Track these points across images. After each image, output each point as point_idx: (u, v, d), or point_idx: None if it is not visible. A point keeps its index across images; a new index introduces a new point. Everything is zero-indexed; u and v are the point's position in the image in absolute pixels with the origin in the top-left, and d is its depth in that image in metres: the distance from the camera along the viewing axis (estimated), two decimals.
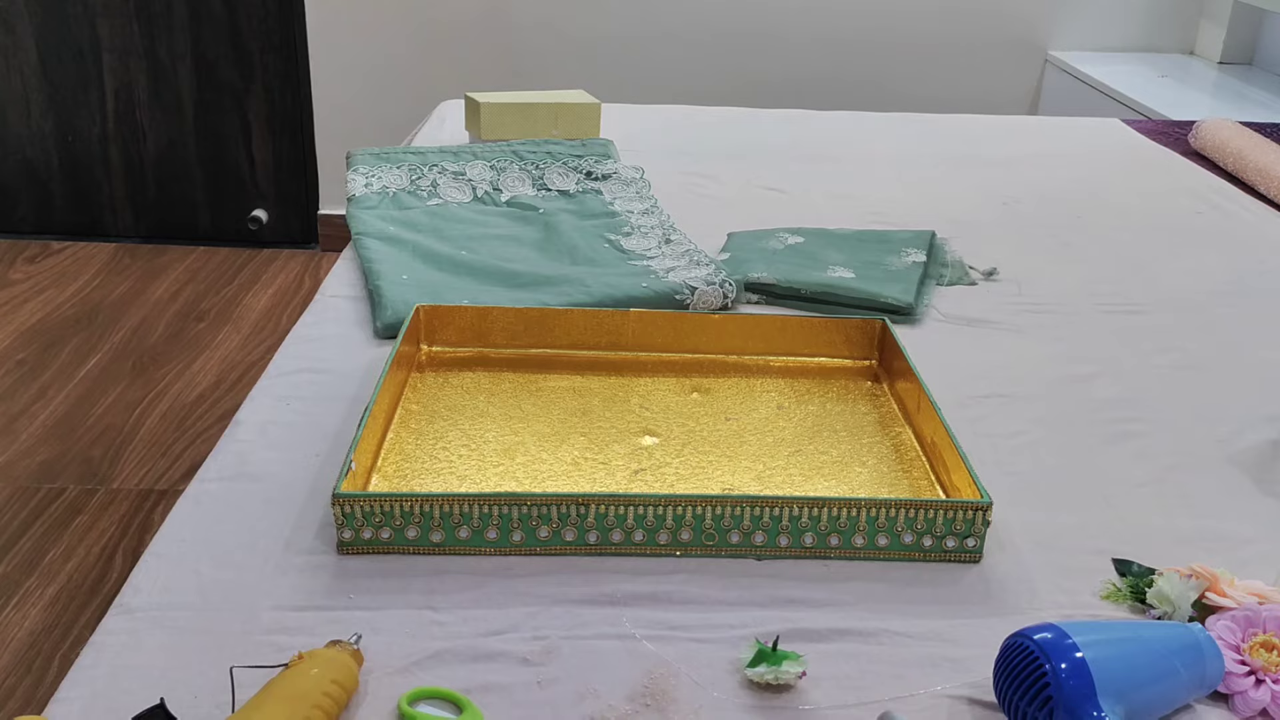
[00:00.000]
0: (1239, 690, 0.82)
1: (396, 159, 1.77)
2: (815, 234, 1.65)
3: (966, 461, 0.99)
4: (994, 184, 1.99)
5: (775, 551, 0.95)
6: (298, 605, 0.88)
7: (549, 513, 0.93)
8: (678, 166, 1.97)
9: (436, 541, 0.94)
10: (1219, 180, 2.06)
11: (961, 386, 1.25)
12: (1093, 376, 1.31)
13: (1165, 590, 0.90)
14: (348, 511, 0.93)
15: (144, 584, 0.90)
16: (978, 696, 0.81)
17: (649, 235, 1.59)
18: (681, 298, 1.39)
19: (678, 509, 0.94)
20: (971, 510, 0.94)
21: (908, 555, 0.95)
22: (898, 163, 2.10)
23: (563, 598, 0.90)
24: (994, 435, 1.16)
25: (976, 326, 1.43)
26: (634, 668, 0.83)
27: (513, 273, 1.45)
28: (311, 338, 1.32)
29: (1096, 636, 0.78)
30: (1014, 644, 0.78)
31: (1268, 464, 1.14)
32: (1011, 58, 3.45)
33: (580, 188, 1.77)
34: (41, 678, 1.86)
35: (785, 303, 1.45)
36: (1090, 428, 1.20)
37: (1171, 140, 2.31)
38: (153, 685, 0.78)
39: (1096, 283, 1.57)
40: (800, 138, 2.24)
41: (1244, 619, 0.86)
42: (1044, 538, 1.00)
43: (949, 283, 1.55)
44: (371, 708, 0.78)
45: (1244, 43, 3.30)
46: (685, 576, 0.93)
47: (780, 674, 0.80)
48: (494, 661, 0.83)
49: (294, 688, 0.75)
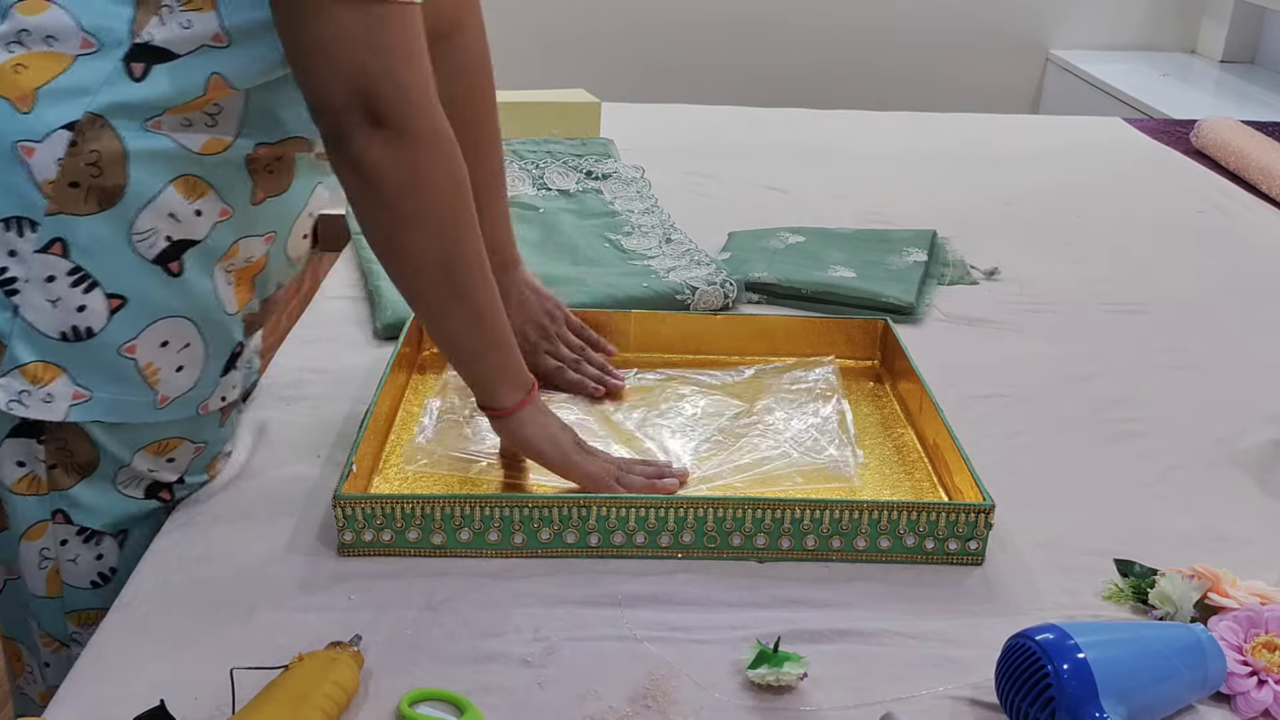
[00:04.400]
0: (1241, 691, 0.81)
1: None
2: (816, 233, 1.65)
3: (969, 463, 0.99)
4: (995, 183, 1.99)
5: (777, 553, 0.95)
6: (298, 606, 0.88)
7: (550, 514, 0.93)
8: (678, 166, 1.97)
9: (437, 543, 0.94)
10: (1221, 179, 2.06)
11: (963, 386, 1.25)
12: (1094, 376, 1.30)
13: (1167, 591, 0.90)
14: (349, 513, 0.92)
15: (144, 584, 0.90)
16: (979, 697, 0.81)
17: (649, 235, 1.59)
18: (682, 298, 1.39)
19: (679, 511, 0.93)
20: (974, 513, 0.94)
21: (909, 558, 0.95)
22: (898, 162, 2.10)
23: (564, 599, 0.90)
24: (995, 435, 1.16)
25: (978, 326, 1.43)
26: (635, 669, 0.82)
27: None
28: (311, 338, 1.32)
29: (1098, 637, 0.77)
30: (1016, 645, 0.78)
31: (1269, 464, 1.14)
32: (1013, 56, 3.45)
33: (580, 187, 1.76)
34: None
35: (786, 302, 1.45)
36: (1092, 428, 1.19)
37: (1173, 139, 2.31)
38: (153, 686, 0.78)
39: (1098, 282, 1.57)
40: (801, 137, 2.23)
41: (1246, 619, 0.86)
42: (1046, 538, 1.00)
43: (950, 282, 1.54)
44: (372, 709, 0.78)
45: (1246, 41, 3.29)
46: (686, 578, 0.93)
47: (781, 675, 0.80)
48: (494, 663, 0.83)
49: (294, 689, 0.75)
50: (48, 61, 0.85)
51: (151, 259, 0.89)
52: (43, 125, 0.84)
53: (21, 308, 0.86)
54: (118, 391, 0.91)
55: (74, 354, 0.88)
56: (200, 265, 0.92)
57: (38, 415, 0.89)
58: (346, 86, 0.82)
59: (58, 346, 0.88)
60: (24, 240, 0.85)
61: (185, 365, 0.94)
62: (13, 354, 0.87)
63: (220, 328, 0.96)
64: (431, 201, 0.88)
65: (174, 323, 0.92)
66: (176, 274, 0.91)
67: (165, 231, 0.89)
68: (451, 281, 0.92)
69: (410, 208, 0.87)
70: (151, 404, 0.93)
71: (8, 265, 0.86)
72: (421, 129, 0.85)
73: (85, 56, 0.85)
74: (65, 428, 0.91)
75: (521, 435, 1.00)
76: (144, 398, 0.92)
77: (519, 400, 0.99)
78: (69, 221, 0.86)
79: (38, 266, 0.86)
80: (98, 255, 0.87)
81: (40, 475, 0.93)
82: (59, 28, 0.85)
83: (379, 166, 0.84)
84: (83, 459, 0.93)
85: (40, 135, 0.84)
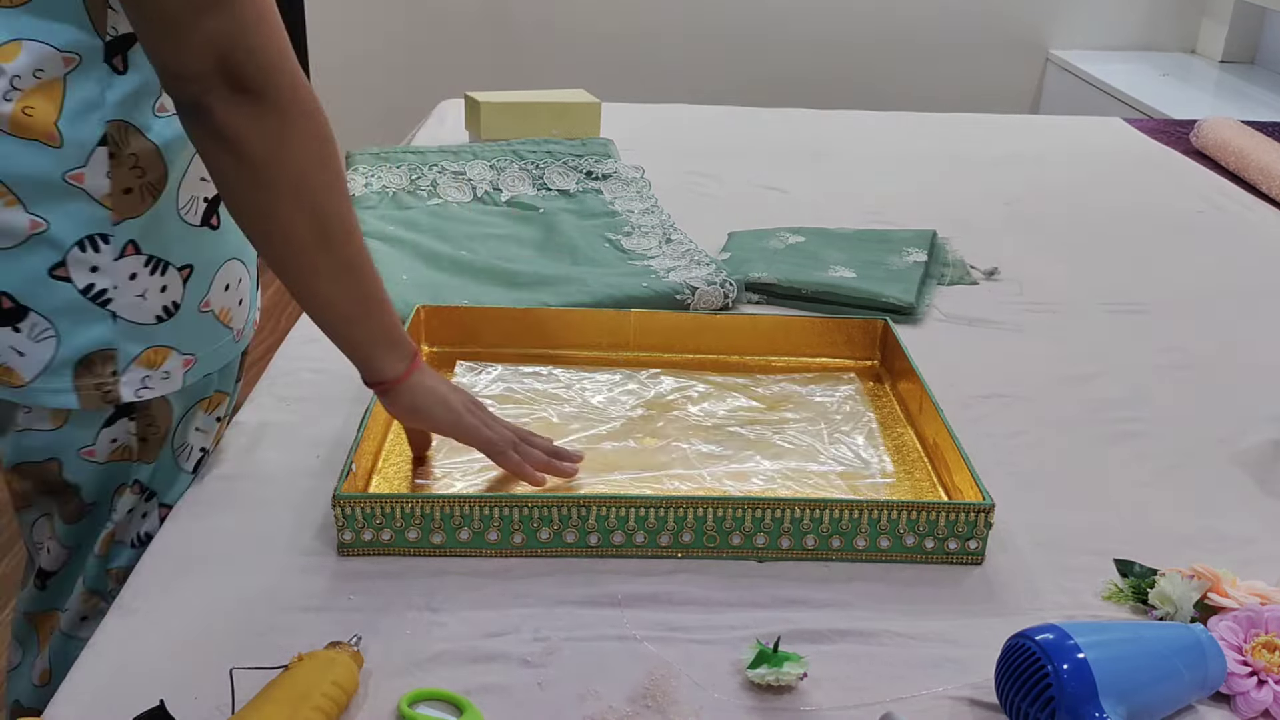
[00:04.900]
0: (1241, 691, 0.81)
1: (396, 159, 1.77)
2: (816, 233, 1.65)
3: (969, 463, 0.99)
4: (995, 183, 1.99)
5: (777, 553, 0.95)
6: (298, 606, 0.88)
7: (550, 514, 0.93)
8: (678, 166, 1.97)
9: (437, 543, 0.94)
10: (1220, 179, 2.06)
11: (963, 386, 1.25)
12: (1094, 376, 1.30)
13: (1167, 591, 0.90)
14: (348, 513, 0.92)
15: (144, 584, 0.90)
16: (979, 697, 0.81)
17: (649, 235, 1.59)
18: (682, 297, 1.39)
19: (679, 510, 0.93)
20: (974, 512, 0.94)
21: (909, 557, 0.95)
22: (898, 162, 2.10)
23: (563, 599, 0.90)
24: (995, 435, 1.16)
25: (978, 326, 1.43)
26: (635, 669, 0.82)
27: (513, 273, 1.45)
28: (311, 338, 1.32)
29: (1098, 637, 0.77)
30: (1016, 645, 0.78)
31: (1269, 464, 1.14)
32: (1013, 57, 3.45)
33: (580, 187, 1.76)
34: None
35: (786, 302, 1.45)
36: (1092, 427, 1.19)
37: (1173, 139, 2.31)
38: (153, 685, 0.78)
39: (1098, 282, 1.57)
40: (801, 137, 2.23)
41: (1246, 619, 0.86)
42: (1045, 538, 1.00)
43: (950, 282, 1.54)
44: (371, 709, 0.78)
45: (1246, 41, 3.29)
46: (686, 577, 0.93)
47: (781, 675, 0.80)
48: (494, 663, 0.83)
49: (294, 689, 0.75)
50: (48, 93, 0.88)
51: (198, 224, 0.97)
52: (78, 151, 0.89)
53: (119, 313, 0.94)
54: (210, 343, 1.01)
55: (172, 330, 0.97)
56: None
57: (163, 392, 0.98)
58: (198, 54, 0.80)
59: (157, 330, 0.96)
60: (101, 254, 0.92)
61: (243, 298, 1.05)
62: (125, 353, 0.95)
63: (251, 251, 1.05)
64: (299, 166, 0.86)
65: (229, 267, 1.02)
66: (217, 227, 0.99)
67: (201, 195, 0.97)
68: (323, 246, 0.90)
69: (277, 174, 0.86)
70: (231, 340, 1.04)
71: (94, 281, 0.92)
72: (281, 92, 0.83)
73: (73, 73, 0.88)
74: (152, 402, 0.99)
75: (413, 405, 0.99)
76: (226, 338, 1.03)
77: (405, 368, 0.98)
78: (133, 224, 0.92)
79: (121, 272, 0.93)
80: (161, 240, 0.95)
81: (132, 446, 1.01)
82: (40, 58, 0.87)
83: (242, 134, 0.83)
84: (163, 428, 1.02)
85: (82, 161, 0.89)
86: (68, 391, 0.93)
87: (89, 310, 0.92)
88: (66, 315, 0.92)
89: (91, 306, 0.92)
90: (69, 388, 0.93)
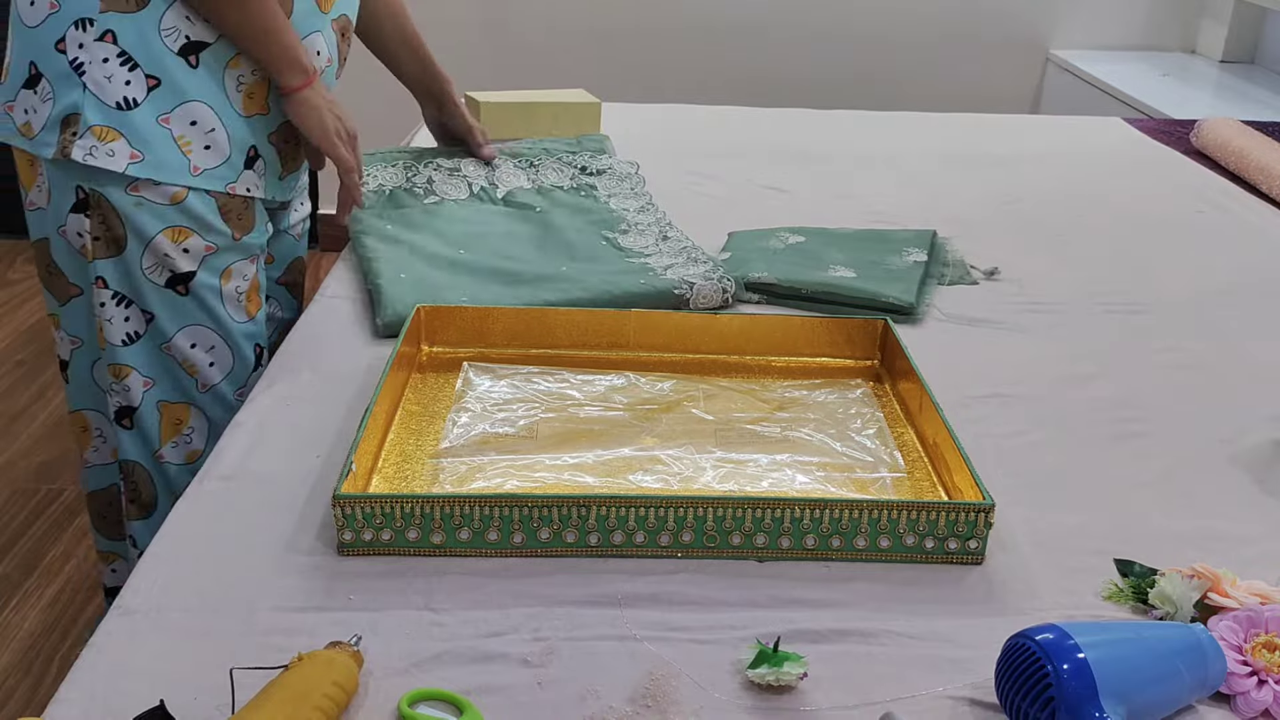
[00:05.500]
0: (1241, 691, 0.81)
1: (392, 158, 1.77)
2: (816, 233, 1.65)
3: (969, 462, 0.99)
4: (995, 183, 1.99)
5: (777, 553, 0.95)
6: (298, 606, 0.88)
7: (550, 514, 0.93)
8: (678, 166, 1.97)
9: (437, 543, 0.94)
10: (1220, 179, 2.06)
11: (963, 386, 1.25)
12: (1094, 376, 1.30)
13: (1167, 591, 0.90)
14: (348, 513, 0.92)
15: (144, 584, 0.90)
16: (979, 697, 0.81)
17: (646, 232, 1.59)
18: (681, 293, 1.38)
19: (679, 510, 0.93)
20: (974, 512, 0.94)
21: (909, 557, 0.95)
22: (898, 162, 2.10)
23: (563, 599, 0.90)
24: (995, 435, 1.16)
25: (978, 326, 1.43)
26: (635, 669, 0.82)
27: (511, 271, 1.45)
28: (311, 338, 1.32)
29: (1098, 637, 0.77)
30: (1016, 644, 0.78)
31: (1269, 464, 1.14)
32: (1013, 56, 3.45)
33: (575, 183, 1.76)
34: (41, 678, 1.86)
35: (786, 302, 1.45)
36: (1092, 428, 1.19)
37: (1173, 139, 2.31)
38: (153, 686, 0.78)
39: (1098, 282, 1.57)
40: (801, 137, 2.23)
41: (1246, 619, 0.86)
42: (1045, 538, 1.00)
43: (950, 282, 1.54)
44: (371, 709, 0.78)
45: (1246, 41, 3.29)
46: (686, 577, 0.93)
47: (781, 675, 0.80)
48: (494, 663, 0.83)
49: (294, 689, 0.74)
50: None
51: (176, 51, 1.22)
52: None
53: (88, 84, 1.20)
54: (159, 153, 1.23)
55: (126, 122, 1.21)
56: (212, 64, 1.25)
57: (105, 165, 1.20)
58: None
59: (114, 114, 1.20)
60: (86, 34, 1.20)
61: (211, 146, 1.26)
62: (85, 120, 1.20)
63: (237, 124, 1.28)
64: None
65: (197, 106, 1.24)
66: (194, 66, 1.23)
67: (184, 31, 1.22)
68: None
69: None
70: (186, 168, 1.24)
71: (78, 55, 1.20)
72: None
73: None
74: (104, 206, 1.23)
75: (300, 112, 1.30)
76: (180, 162, 1.24)
77: (299, 83, 1.28)
78: (115, 17, 1.20)
79: (96, 51, 1.20)
80: (137, 44, 1.21)
81: (87, 245, 1.25)
82: None
83: None
84: (116, 233, 1.24)
85: None
86: (53, 145, 1.21)
87: (71, 78, 1.20)
88: (62, 81, 1.20)
89: (74, 75, 1.20)
90: (55, 141, 1.21)
